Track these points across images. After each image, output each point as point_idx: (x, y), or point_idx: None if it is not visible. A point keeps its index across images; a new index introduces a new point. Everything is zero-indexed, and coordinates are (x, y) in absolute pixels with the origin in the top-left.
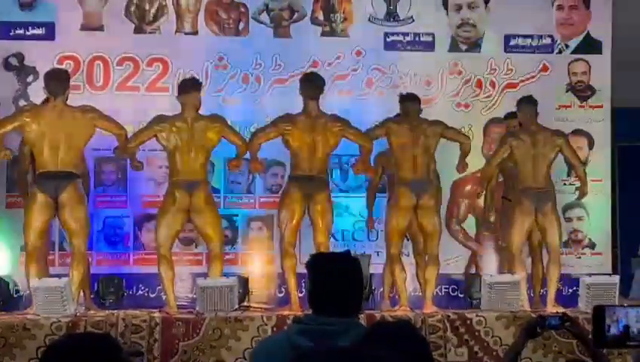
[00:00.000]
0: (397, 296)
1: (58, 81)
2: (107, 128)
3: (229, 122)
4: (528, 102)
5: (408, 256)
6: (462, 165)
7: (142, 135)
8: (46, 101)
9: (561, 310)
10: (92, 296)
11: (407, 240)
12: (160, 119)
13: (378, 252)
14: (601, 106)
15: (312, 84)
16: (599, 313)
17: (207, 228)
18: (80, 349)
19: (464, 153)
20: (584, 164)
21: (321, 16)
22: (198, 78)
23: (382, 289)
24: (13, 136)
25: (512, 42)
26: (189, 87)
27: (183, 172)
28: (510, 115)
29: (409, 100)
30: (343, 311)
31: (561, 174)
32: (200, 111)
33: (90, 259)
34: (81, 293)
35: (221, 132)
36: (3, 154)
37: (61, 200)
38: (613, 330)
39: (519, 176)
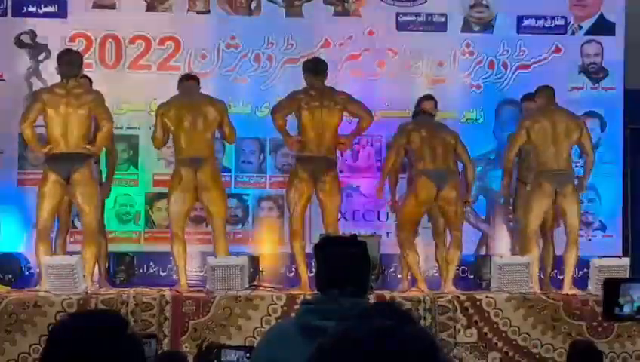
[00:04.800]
0: (407, 279)
1: (70, 64)
2: (98, 116)
3: (228, 110)
4: (546, 88)
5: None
6: (467, 198)
7: (160, 129)
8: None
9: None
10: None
11: (428, 221)
12: (162, 106)
13: (388, 232)
14: (613, 88)
15: (314, 71)
16: (610, 287)
17: (210, 204)
18: (83, 328)
19: (469, 182)
20: (595, 149)
21: None
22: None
23: (391, 269)
24: None
25: (525, 23)
26: (188, 78)
27: (187, 149)
28: (527, 97)
29: (426, 100)
30: (351, 293)
31: (574, 156)
32: (210, 92)
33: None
34: (96, 270)
35: (220, 115)
36: (44, 152)
37: (73, 180)
38: (627, 309)
39: (539, 157)
